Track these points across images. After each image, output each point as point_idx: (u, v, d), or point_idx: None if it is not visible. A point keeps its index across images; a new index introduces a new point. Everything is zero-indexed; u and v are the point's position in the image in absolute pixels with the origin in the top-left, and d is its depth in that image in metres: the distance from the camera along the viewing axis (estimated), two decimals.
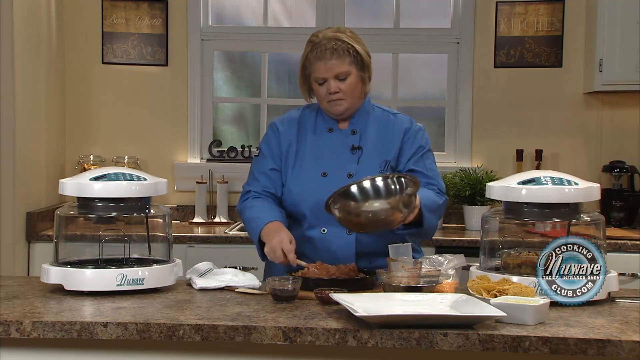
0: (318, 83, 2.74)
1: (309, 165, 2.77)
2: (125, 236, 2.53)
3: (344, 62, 2.70)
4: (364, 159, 2.76)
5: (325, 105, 2.77)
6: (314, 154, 2.78)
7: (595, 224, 2.51)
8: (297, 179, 2.77)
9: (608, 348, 1.95)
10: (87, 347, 2.13)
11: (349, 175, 2.73)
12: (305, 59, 2.76)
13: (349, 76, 2.72)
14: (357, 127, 2.80)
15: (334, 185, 2.67)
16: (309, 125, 2.83)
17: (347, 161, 2.76)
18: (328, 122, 2.82)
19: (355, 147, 2.77)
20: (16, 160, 3.86)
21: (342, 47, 2.70)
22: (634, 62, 4.22)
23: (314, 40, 2.74)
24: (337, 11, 4.70)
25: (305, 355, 2.10)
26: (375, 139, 2.79)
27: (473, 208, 4.33)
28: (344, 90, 2.72)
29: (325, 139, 2.80)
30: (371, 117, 2.83)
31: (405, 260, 2.45)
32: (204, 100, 4.73)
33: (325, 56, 2.70)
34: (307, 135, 2.82)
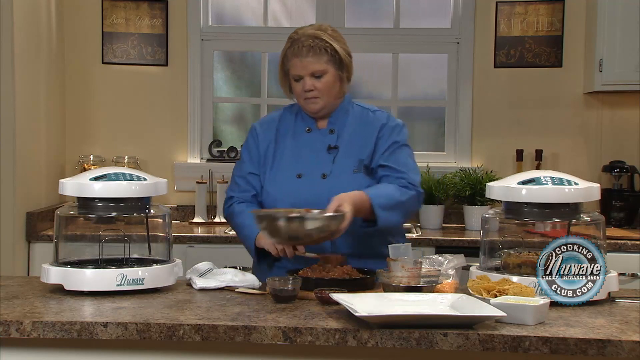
0: (295, 80, 2.74)
1: (285, 167, 2.77)
2: (125, 236, 2.53)
3: (320, 60, 2.70)
4: (339, 158, 2.75)
5: (301, 102, 2.78)
6: (292, 154, 2.78)
7: (595, 224, 2.51)
8: (273, 181, 2.77)
9: (608, 348, 1.95)
10: (87, 347, 2.13)
11: (323, 176, 2.73)
12: (284, 55, 2.76)
13: (325, 74, 2.72)
14: (335, 127, 2.79)
15: (308, 186, 2.71)
16: (289, 126, 2.83)
17: (323, 161, 2.75)
18: (307, 122, 2.81)
19: (331, 146, 2.77)
20: (16, 160, 3.86)
21: (319, 45, 2.70)
22: (634, 62, 4.22)
23: (294, 37, 2.74)
24: (337, 11, 4.70)
25: (305, 355, 2.10)
26: (352, 137, 2.78)
27: (473, 208, 4.33)
28: (320, 88, 2.72)
29: (303, 139, 2.80)
30: (350, 116, 2.81)
31: (405, 260, 2.45)
32: (204, 100, 4.73)
33: (301, 53, 2.70)
34: (286, 136, 2.82)
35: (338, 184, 2.70)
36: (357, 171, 2.74)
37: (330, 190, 2.67)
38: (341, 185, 2.68)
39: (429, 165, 4.53)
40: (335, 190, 2.65)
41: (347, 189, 2.64)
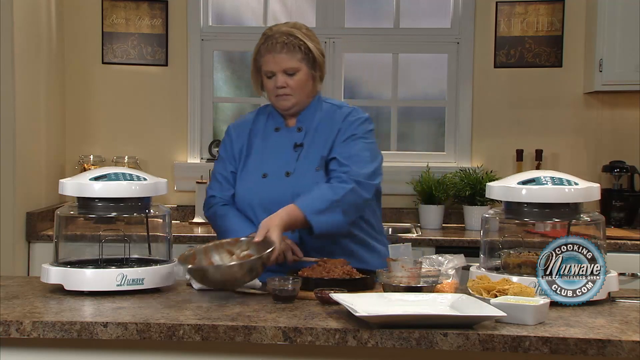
0: (267, 76, 2.74)
1: (253, 167, 2.78)
2: (125, 236, 2.53)
3: (294, 58, 2.70)
4: (303, 156, 2.75)
5: (273, 100, 2.78)
6: (260, 154, 2.79)
7: (595, 224, 2.51)
8: (241, 181, 2.78)
9: (608, 348, 1.95)
10: (87, 347, 2.13)
11: (287, 174, 2.72)
12: (257, 51, 2.76)
13: (297, 72, 2.71)
14: (303, 125, 2.79)
15: (273, 185, 2.71)
16: (261, 126, 2.84)
17: (288, 160, 2.75)
18: (277, 121, 2.82)
19: (297, 144, 2.77)
20: (16, 160, 3.86)
21: (293, 42, 2.70)
22: (634, 62, 4.22)
23: (267, 33, 2.74)
24: (337, 11, 4.70)
25: (305, 355, 2.10)
26: (317, 135, 2.76)
27: (473, 208, 4.33)
28: (292, 86, 2.72)
29: (272, 138, 2.80)
30: (318, 113, 2.80)
31: (405, 260, 2.45)
32: (204, 100, 4.73)
33: (275, 49, 2.69)
34: (257, 136, 2.82)
35: (301, 182, 2.69)
36: (319, 169, 2.72)
37: (294, 188, 2.68)
38: (304, 184, 2.68)
39: (429, 165, 4.53)
40: (298, 188, 2.67)
41: (310, 186, 2.65)
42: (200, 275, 2.37)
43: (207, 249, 2.53)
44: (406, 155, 4.71)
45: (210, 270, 2.35)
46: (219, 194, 2.82)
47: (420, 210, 4.46)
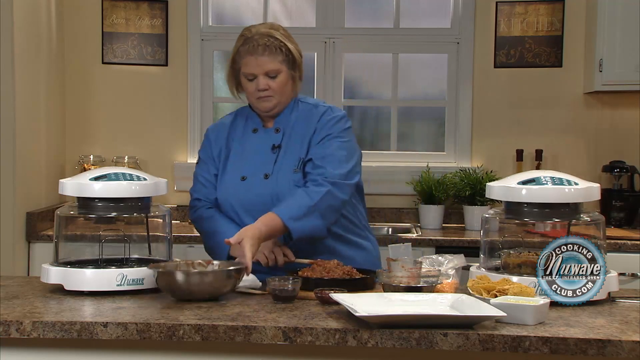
0: (247, 79, 2.71)
1: (231, 169, 2.76)
2: (125, 236, 2.53)
3: (275, 60, 2.68)
4: (281, 158, 2.73)
5: (253, 101, 2.75)
6: (239, 157, 2.77)
7: (595, 224, 2.51)
8: (221, 184, 2.76)
9: (608, 348, 1.95)
10: (87, 347, 2.13)
11: (265, 176, 2.71)
12: (236, 53, 2.73)
13: (279, 74, 2.70)
14: (280, 125, 2.77)
15: (252, 187, 2.70)
16: (239, 128, 2.82)
17: (266, 162, 2.73)
18: (255, 122, 2.80)
19: (275, 146, 2.75)
20: (16, 160, 3.86)
21: (274, 44, 2.68)
22: (634, 62, 4.22)
23: (246, 35, 2.72)
24: (337, 11, 4.70)
25: (305, 355, 2.10)
26: (294, 136, 2.75)
27: (473, 208, 4.33)
28: (274, 88, 2.70)
29: (250, 140, 2.78)
30: (294, 114, 2.78)
31: (405, 260, 2.45)
32: (204, 100, 4.73)
33: (257, 51, 2.67)
34: (236, 139, 2.80)
35: (279, 184, 2.69)
36: (297, 170, 2.70)
37: (272, 190, 2.68)
38: (282, 185, 2.68)
39: (429, 165, 4.53)
40: (277, 190, 2.67)
41: (288, 188, 2.66)
42: (167, 281, 2.33)
43: (180, 265, 2.48)
44: (406, 155, 4.71)
45: (177, 275, 2.32)
46: (203, 196, 2.80)
47: (420, 210, 4.46)
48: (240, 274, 2.40)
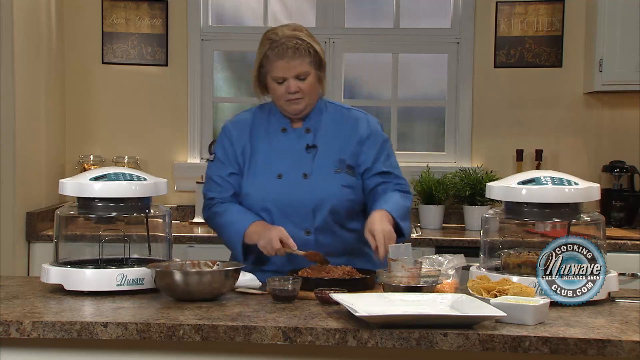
0: (277, 82, 2.70)
1: (263, 167, 2.74)
2: (125, 236, 2.53)
3: (304, 62, 2.68)
4: (319, 158, 2.74)
5: (282, 104, 2.74)
6: (268, 155, 2.76)
7: (595, 224, 2.51)
8: (252, 182, 2.74)
9: (608, 348, 1.95)
10: (87, 347, 2.13)
11: (304, 176, 2.72)
12: (264, 57, 2.71)
13: (308, 76, 2.70)
14: (310, 126, 2.78)
15: (290, 186, 2.70)
16: (262, 126, 2.80)
17: (302, 161, 2.74)
18: (281, 122, 2.79)
19: (309, 145, 2.76)
20: (16, 160, 3.86)
21: (302, 46, 2.68)
22: (634, 62, 4.22)
23: (273, 38, 2.71)
24: (337, 11, 4.70)
25: (305, 355, 2.10)
26: (329, 136, 2.77)
27: (473, 208, 4.33)
28: (304, 90, 2.70)
29: (279, 139, 2.78)
30: (324, 115, 2.80)
31: (405, 260, 2.45)
32: (204, 100, 4.73)
33: (286, 55, 2.67)
34: (260, 136, 2.79)
35: (320, 184, 2.71)
36: (339, 171, 2.73)
37: (312, 189, 2.70)
38: (323, 185, 2.70)
39: (429, 165, 4.53)
40: (318, 190, 2.69)
41: (330, 189, 2.69)
42: (166, 281, 2.33)
43: (186, 264, 2.49)
44: (406, 155, 4.71)
45: (176, 276, 2.32)
46: (217, 195, 2.78)
47: (420, 210, 4.46)
48: (239, 274, 2.40)
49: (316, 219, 2.70)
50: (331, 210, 2.71)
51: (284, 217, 2.69)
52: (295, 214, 2.69)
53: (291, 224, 2.68)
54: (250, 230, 2.66)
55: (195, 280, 2.31)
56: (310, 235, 2.70)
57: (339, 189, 2.72)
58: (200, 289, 2.31)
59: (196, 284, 2.31)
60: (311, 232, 2.70)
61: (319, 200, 2.69)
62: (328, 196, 2.70)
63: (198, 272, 2.35)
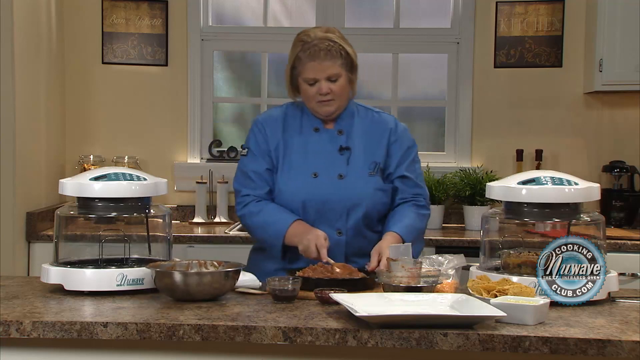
0: (308, 83, 2.72)
1: (298, 165, 2.76)
2: (125, 236, 2.53)
3: (336, 64, 2.70)
4: (353, 160, 2.77)
5: (313, 105, 2.76)
6: (302, 153, 2.77)
7: (595, 224, 2.51)
8: (287, 179, 2.75)
9: (608, 348, 1.95)
10: (87, 347, 2.13)
11: (340, 177, 2.74)
12: (296, 58, 2.73)
13: (339, 78, 2.72)
14: (343, 128, 2.80)
15: (324, 186, 2.72)
16: (295, 124, 2.81)
17: (337, 162, 2.76)
18: (313, 121, 2.81)
19: (343, 147, 2.77)
20: (16, 160, 3.86)
21: (334, 48, 2.70)
22: (634, 62, 4.22)
23: (306, 40, 2.72)
24: (337, 11, 4.70)
25: (305, 355, 2.10)
26: (362, 139, 2.79)
27: (473, 208, 4.33)
28: (335, 91, 2.72)
29: (312, 138, 2.79)
30: (356, 117, 2.82)
31: (405, 260, 2.45)
32: (204, 100, 4.73)
33: (318, 56, 2.68)
34: (293, 134, 2.80)
35: (354, 186, 2.73)
36: (373, 174, 2.76)
37: (347, 191, 2.72)
38: (358, 187, 2.73)
39: (429, 165, 4.53)
40: (352, 191, 2.72)
41: (365, 191, 2.73)
42: (165, 281, 2.33)
43: (192, 264, 2.49)
44: None
45: (175, 276, 2.32)
46: (253, 192, 2.77)
47: None
48: (239, 275, 2.40)
49: (349, 220, 2.73)
50: (365, 212, 2.74)
51: (317, 216, 2.71)
52: (330, 214, 2.72)
53: (324, 223, 2.71)
54: (290, 232, 2.67)
55: (195, 281, 2.31)
56: (341, 236, 2.73)
57: (373, 192, 2.75)
58: (200, 290, 2.31)
59: (196, 284, 2.31)
60: (343, 233, 2.73)
61: (353, 202, 2.72)
62: (363, 198, 2.73)
63: (198, 273, 2.35)
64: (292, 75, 2.77)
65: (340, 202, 2.71)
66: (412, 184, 2.81)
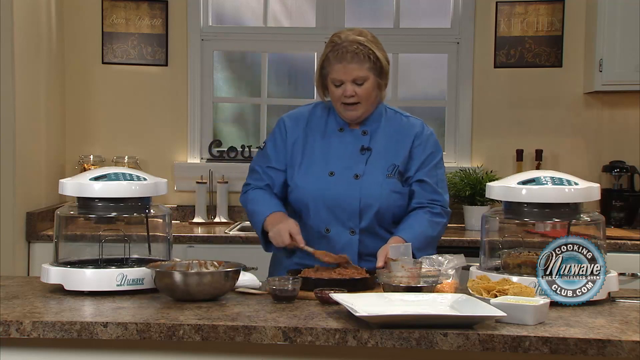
0: (334, 84, 2.72)
1: (317, 163, 2.77)
2: (125, 236, 2.53)
3: (363, 67, 2.69)
4: (372, 160, 2.76)
5: (339, 107, 2.77)
6: (323, 151, 2.78)
7: (595, 224, 2.51)
8: (304, 176, 2.77)
9: (608, 348, 1.95)
10: (87, 347, 2.13)
11: (356, 177, 2.74)
12: (325, 58, 2.73)
13: (366, 81, 2.71)
14: (368, 128, 2.80)
15: (340, 185, 2.72)
16: (320, 122, 2.83)
17: (355, 162, 2.76)
18: (339, 121, 2.81)
19: (364, 147, 2.78)
20: (16, 160, 3.86)
21: (363, 51, 2.69)
22: (634, 62, 4.22)
23: (336, 41, 2.72)
24: (337, 11, 4.70)
25: (305, 355, 2.10)
26: (385, 141, 2.79)
27: (473, 208, 4.33)
28: (360, 94, 2.71)
29: (335, 137, 2.80)
30: (383, 119, 2.82)
31: (405, 260, 2.45)
32: (204, 100, 4.73)
33: (345, 59, 2.68)
34: (316, 132, 2.81)
35: (370, 186, 2.73)
36: (391, 176, 2.76)
37: (362, 191, 2.72)
38: (373, 188, 2.73)
39: None
40: (367, 192, 2.72)
41: (379, 192, 2.72)
42: (165, 281, 2.33)
43: (193, 264, 2.49)
44: None
45: (175, 276, 2.32)
46: (253, 182, 2.85)
47: None
48: (239, 275, 2.40)
49: (362, 220, 2.73)
50: (378, 213, 2.74)
51: (330, 215, 2.73)
52: (343, 213, 2.72)
53: (337, 222, 2.72)
54: (269, 219, 2.73)
55: (195, 281, 2.31)
56: (354, 235, 2.74)
57: (388, 194, 2.74)
58: (200, 290, 2.31)
59: (196, 284, 2.31)
60: (355, 232, 2.74)
61: (367, 202, 2.72)
62: (376, 199, 2.73)
63: (198, 273, 2.35)
64: (321, 75, 2.77)
65: (353, 202, 2.72)
66: (430, 189, 2.78)
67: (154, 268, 2.36)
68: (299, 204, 2.77)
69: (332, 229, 2.74)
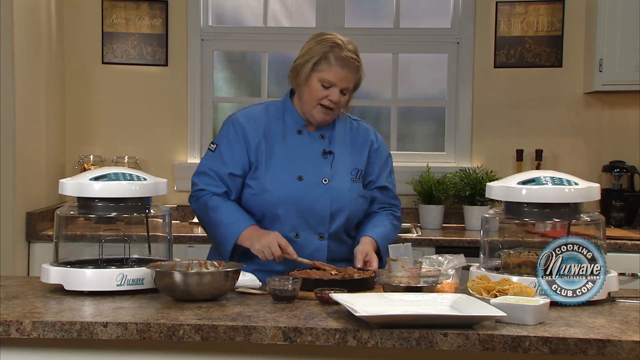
0: (323, 85, 2.69)
1: (282, 167, 2.73)
2: (125, 236, 2.53)
3: (354, 79, 2.71)
4: (336, 164, 2.77)
5: (312, 107, 2.71)
6: (286, 155, 2.74)
7: (595, 224, 2.51)
8: (272, 181, 2.71)
9: (608, 348, 1.95)
10: (87, 347, 2.13)
11: (325, 180, 2.73)
12: (324, 56, 2.66)
13: (348, 92, 2.73)
14: (325, 132, 2.79)
15: (310, 189, 2.71)
16: (277, 124, 2.78)
17: (321, 165, 2.75)
18: (297, 123, 2.78)
19: (326, 151, 2.77)
20: (16, 160, 3.86)
21: (357, 64, 2.71)
22: (634, 62, 4.22)
23: (339, 44, 2.68)
24: (337, 11, 4.70)
25: (305, 355, 2.10)
26: (343, 145, 2.80)
27: (473, 208, 4.33)
28: (340, 103, 2.73)
29: (295, 140, 2.77)
30: (336, 122, 2.82)
31: (405, 260, 2.45)
32: (204, 100, 4.73)
33: (349, 66, 2.67)
34: (275, 134, 2.76)
35: (339, 191, 2.74)
36: (356, 180, 2.78)
37: (332, 195, 2.72)
38: (342, 192, 2.74)
39: (429, 165, 4.53)
40: (337, 196, 2.72)
41: (349, 197, 2.74)
42: (165, 281, 2.33)
43: (192, 264, 2.49)
44: (406, 155, 4.71)
45: (175, 276, 2.32)
46: (212, 188, 2.73)
47: (420, 210, 4.46)
48: (239, 275, 2.40)
49: (332, 225, 2.73)
50: (347, 218, 2.75)
51: (301, 220, 2.71)
52: (313, 218, 2.71)
53: (307, 227, 2.71)
54: (245, 234, 2.66)
55: (195, 281, 2.31)
56: (323, 241, 2.73)
57: (356, 198, 2.77)
58: (200, 290, 2.31)
59: (196, 284, 2.31)
60: (324, 238, 2.73)
61: (338, 207, 2.73)
62: (346, 204, 2.74)
63: (198, 273, 2.35)
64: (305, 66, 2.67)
65: (324, 207, 2.71)
66: (391, 194, 2.87)
67: (154, 268, 2.36)
68: (266, 208, 2.71)
69: (301, 234, 2.72)
